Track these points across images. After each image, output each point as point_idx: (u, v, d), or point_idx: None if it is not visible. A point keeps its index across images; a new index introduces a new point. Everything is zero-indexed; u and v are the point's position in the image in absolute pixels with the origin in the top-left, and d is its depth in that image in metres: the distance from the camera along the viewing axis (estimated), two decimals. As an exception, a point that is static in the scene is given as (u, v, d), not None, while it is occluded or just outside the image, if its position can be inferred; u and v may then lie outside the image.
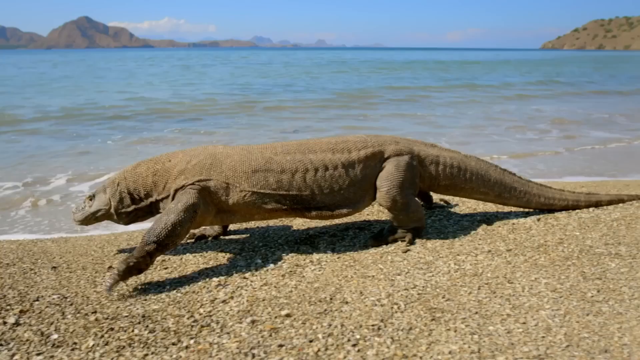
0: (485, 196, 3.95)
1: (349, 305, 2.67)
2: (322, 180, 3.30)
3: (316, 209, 3.33)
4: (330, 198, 3.33)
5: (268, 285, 2.97)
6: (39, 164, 8.85)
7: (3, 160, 9.15)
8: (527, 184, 4.07)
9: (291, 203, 3.27)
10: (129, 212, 3.41)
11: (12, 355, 2.28)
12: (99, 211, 3.44)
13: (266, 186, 3.22)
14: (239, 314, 2.59)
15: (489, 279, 2.97)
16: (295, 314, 2.58)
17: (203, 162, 3.26)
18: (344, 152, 3.42)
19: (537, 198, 4.08)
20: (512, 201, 4.04)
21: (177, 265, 3.38)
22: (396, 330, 2.39)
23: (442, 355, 2.17)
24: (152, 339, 2.37)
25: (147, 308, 2.70)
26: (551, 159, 9.18)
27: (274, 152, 3.33)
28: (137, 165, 3.46)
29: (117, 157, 9.50)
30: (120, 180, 3.41)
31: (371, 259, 3.33)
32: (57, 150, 10.23)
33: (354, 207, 3.43)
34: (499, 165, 4.04)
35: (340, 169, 3.35)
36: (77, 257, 3.68)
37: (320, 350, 2.23)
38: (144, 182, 3.36)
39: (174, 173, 3.29)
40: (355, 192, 3.42)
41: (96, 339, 2.38)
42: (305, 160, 3.30)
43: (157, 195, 3.35)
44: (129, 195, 3.38)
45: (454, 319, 2.49)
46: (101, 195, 3.46)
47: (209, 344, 2.31)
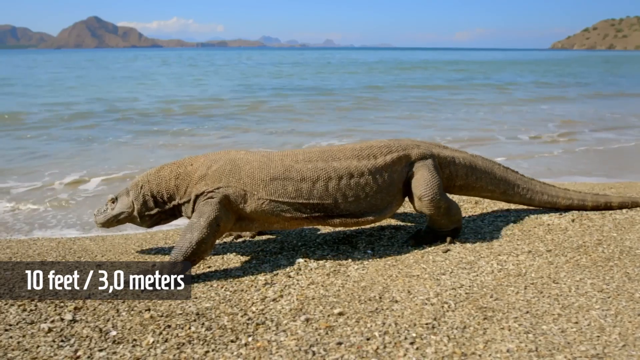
0: (492, 194, 4.03)
1: (399, 304, 2.70)
2: (346, 188, 3.26)
3: (340, 217, 3.29)
4: (356, 206, 3.30)
5: (315, 284, 3.00)
6: (86, 162, 8.95)
7: (78, 158, 9.26)
8: (530, 181, 4.16)
9: (311, 211, 3.24)
10: (152, 215, 3.44)
11: (75, 351, 2.33)
12: (121, 214, 3.47)
13: (284, 195, 3.19)
14: (292, 312, 2.63)
15: (533, 279, 2.99)
16: (348, 312, 2.61)
17: (222, 168, 3.27)
18: (369, 158, 3.40)
19: (540, 195, 4.14)
20: (515, 198, 4.11)
21: (220, 264, 3.42)
22: (451, 329, 2.42)
23: (500, 354, 2.20)
24: (210, 336, 2.41)
25: (199, 306, 2.74)
26: (562, 159, 9.17)
27: (295, 159, 3.30)
28: (160, 168, 3.48)
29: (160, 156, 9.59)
30: (143, 183, 3.43)
31: (413, 259, 3.36)
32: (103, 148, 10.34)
33: (380, 214, 3.42)
34: (502, 164, 4.13)
35: (367, 176, 3.33)
36: (118, 255, 3.73)
37: (379, 348, 2.26)
38: (167, 186, 3.38)
39: (194, 178, 3.31)
40: (383, 198, 3.40)
41: (155, 335, 2.42)
42: (329, 169, 3.26)
43: (179, 199, 3.38)
44: (153, 199, 3.41)
45: (506, 318, 2.52)
46: (124, 198, 3.48)
47: (267, 342, 2.35)
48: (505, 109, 17.10)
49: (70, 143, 11.12)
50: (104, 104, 18.83)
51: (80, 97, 21.00)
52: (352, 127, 13.30)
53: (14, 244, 4.21)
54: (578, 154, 9.70)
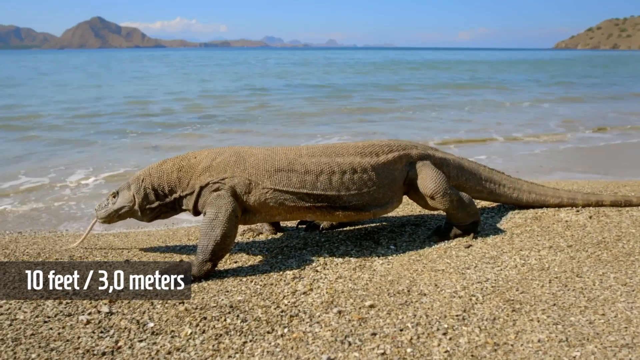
0: (480, 194, 4.11)
1: (428, 297, 2.76)
2: (350, 182, 3.36)
3: (343, 209, 3.38)
4: (359, 199, 3.39)
5: (343, 278, 3.07)
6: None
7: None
8: (517, 181, 4.26)
9: (315, 201, 3.31)
10: (154, 208, 3.46)
11: (115, 341, 2.39)
12: (122, 208, 3.49)
13: (288, 185, 3.27)
14: (323, 305, 2.69)
15: (557, 273, 3.05)
16: (378, 304, 2.67)
17: (227, 160, 3.34)
18: (372, 155, 3.51)
19: (527, 194, 4.24)
20: (503, 198, 4.22)
21: (246, 259, 3.48)
22: (481, 320, 2.48)
23: (532, 344, 2.26)
24: (247, 327, 2.47)
25: (231, 299, 2.80)
26: (550, 157, 9.21)
27: (299, 154, 3.40)
28: (163, 162, 3.51)
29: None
30: (145, 177, 3.45)
31: (436, 254, 3.42)
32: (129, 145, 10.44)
33: (382, 208, 3.52)
34: (487, 165, 4.24)
35: (370, 171, 3.43)
36: (145, 251, 3.80)
37: (412, 338, 2.32)
38: (169, 178, 3.41)
39: (198, 170, 3.36)
40: (385, 193, 3.50)
41: (192, 327, 2.49)
42: (332, 163, 3.36)
43: (181, 192, 3.40)
44: (154, 192, 3.43)
45: (534, 310, 2.58)
46: (125, 192, 3.50)
47: (303, 333, 2.41)
48: (508, 108, 17.13)
49: (86, 141, 11.22)
50: (129, 103, 18.94)
51: (110, 97, 21.11)
52: (366, 129, 13.35)
53: (40, 239, 4.29)
54: (572, 153, 9.73)
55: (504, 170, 4.39)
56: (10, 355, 2.30)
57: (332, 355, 2.20)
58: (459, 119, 14.62)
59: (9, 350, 2.34)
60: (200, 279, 3.08)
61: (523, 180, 4.31)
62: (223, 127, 13.63)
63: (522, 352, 2.21)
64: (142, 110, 16.93)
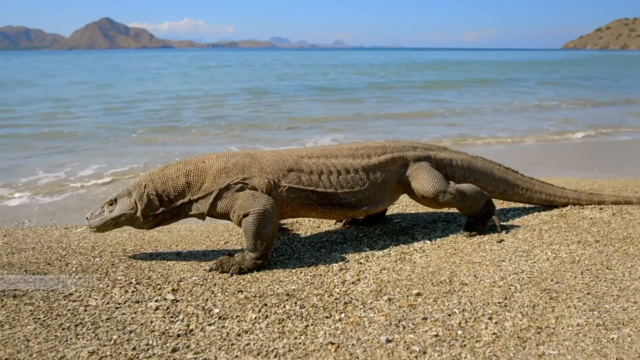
0: (491, 194, 4.24)
1: (469, 286, 2.97)
2: (344, 181, 3.59)
3: (339, 206, 3.60)
4: (352, 196, 3.61)
5: (386, 269, 3.28)
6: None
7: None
8: (530, 181, 4.42)
9: (318, 198, 3.53)
10: (157, 214, 3.45)
11: (187, 325, 2.62)
12: (121, 216, 3.44)
13: (299, 182, 3.50)
14: (373, 294, 2.91)
15: (587, 265, 3.25)
16: (425, 293, 2.89)
17: (242, 161, 3.51)
18: (364, 157, 3.73)
19: (538, 194, 4.42)
20: (515, 197, 4.39)
21: (291, 253, 3.70)
22: (522, 307, 2.68)
23: (572, 328, 2.47)
24: (306, 313, 2.69)
25: (286, 288, 3.02)
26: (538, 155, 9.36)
27: (300, 155, 3.63)
28: (164, 167, 3.51)
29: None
30: (147, 183, 3.43)
31: (470, 248, 3.63)
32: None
33: (373, 206, 3.74)
34: (502, 164, 4.37)
35: (361, 172, 3.66)
36: (191, 245, 4.03)
37: (461, 322, 2.54)
38: (175, 184, 3.42)
39: (211, 172, 3.42)
40: (376, 192, 3.71)
41: (255, 312, 2.71)
42: (328, 163, 3.60)
43: (191, 196, 3.43)
44: (157, 198, 3.42)
45: (570, 298, 2.78)
46: (125, 199, 3.45)
47: (359, 317, 2.63)
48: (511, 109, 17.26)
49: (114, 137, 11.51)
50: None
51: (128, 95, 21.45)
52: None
53: (88, 234, 4.52)
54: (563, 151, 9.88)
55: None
56: (92, 336, 2.53)
57: (390, 336, 2.42)
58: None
59: (90, 332, 2.57)
60: (252, 271, 3.31)
61: (535, 179, 4.47)
62: (242, 132, 13.89)
63: (564, 334, 2.42)
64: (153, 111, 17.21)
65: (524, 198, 4.40)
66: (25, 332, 2.60)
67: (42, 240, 4.30)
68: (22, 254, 3.86)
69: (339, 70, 45.46)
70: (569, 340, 2.36)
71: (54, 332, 2.59)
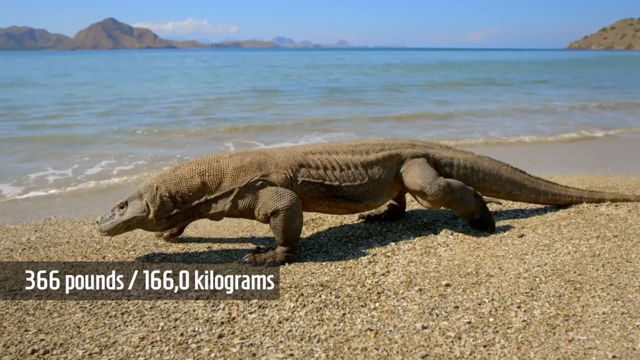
0: (497, 194, 4.35)
1: (495, 278, 3.09)
2: (346, 176, 3.75)
3: (343, 199, 3.76)
4: (354, 190, 3.77)
5: (414, 262, 3.41)
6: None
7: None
8: (536, 181, 4.49)
9: (326, 191, 3.69)
10: (171, 216, 3.45)
11: (228, 313, 2.75)
12: (133, 219, 3.41)
13: (310, 176, 3.65)
14: (404, 284, 3.04)
15: (608, 259, 3.37)
16: (453, 284, 3.01)
17: (257, 159, 3.61)
18: (362, 153, 3.89)
19: (544, 195, 4.50)
20: (522, 197, 4.46)
21: (318, 247, 3.83)
22: (548, 296, 2.81)
23: (598, 315, 2.59)
24: (342, 302, 2.82)
25: (319, 279, 3.16)
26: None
27: (305, 152, 3.78)
28: (175, 168, 3.53)
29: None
30: (159, 185, 3.43)
31: (493, 242, 3.75)
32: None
33: (373, 201, 3.88)
34: (510, 165, 4.43)
35: (360, 168, 3.82)
36: (220, 239, 4.17)
37: (491, 310, 2.66)
38: (189, 184, 3.43)
39: (229, 171, 3.47)
40: (374, 187, 3.86)
41: (293, 301, 2.84)
42: (331, 159, 3.77)
43: (209, 195, 3.46)
44: (171, 199, 3.42)
45: (594, 289, 2.90)
46: (136, 202, 3.43)
47: (393, 306, 2.76)
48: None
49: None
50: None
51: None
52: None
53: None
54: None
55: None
56: (139, 323, 2.67)
57: (425, 323, 2.55)
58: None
59: (136, 320, 2.72)
60: (284, 263, 3.44)
61: (542, 179, 4.54)
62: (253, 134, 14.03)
63: (591, 321, 2.54)
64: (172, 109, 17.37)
65: (531, 198, 4.47)
66: (75, 320, 2.74)
67: (74, 235, 4.44)
68: (57, 248, 4.00)
69: (346, 70, 45.59)
70: (596, 327, 2.49)
71: (102, 320, 2.73)
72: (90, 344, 2.49)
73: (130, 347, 2.44)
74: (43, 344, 2.50)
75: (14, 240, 4.37)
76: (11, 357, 2.40)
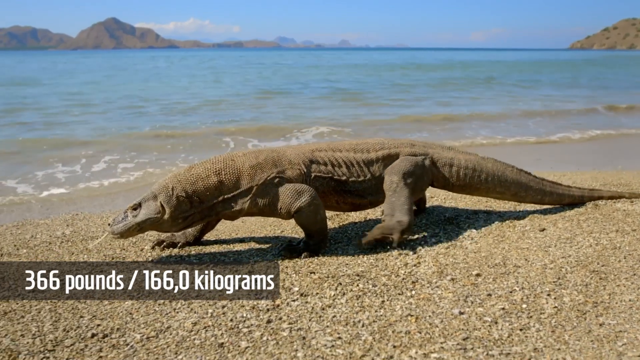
0: (502, 195, 4.39)
1: (522, 268, 3.24)
2: (349, 172, 3.89)
3: (350, 193, 3.90)
4: (358, 185, 3.92)
5: (442, 254, 3.56)
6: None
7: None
8: (542, 182, 4.51)
9: (335, 185, 3.84)
10: (187, 216, 3.44)
11: (272, 301, 2.90)
12: (147, 220, 3.38)
13: (320, 172, 3.79)
14: (436, 275, 3.19)
15: (628, 251, 3.51)
16: (483, 273, 3.16)
17: (271, 156, 3.72)
18: (363, 152, 4.03)
19: (549, 196, 4.52)
20: (527, 199, 4.49)
21: (347, 241, 3.98)
22: (575, 285, 2.96)
23: (625, 302, 2.74)
24: (379, 290, 2.97)
25: (354, 270, 3.30)
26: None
27: (311, 149, 3.92)
28: (190, 168, 3.53)
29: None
30: (174, 185, 3.41)
31: (516, 236, 3.90)
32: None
33: (375, 196, 4.01)
34: (515, 166, 4.44)
35: (362, 165, 3.96)
36: (250, 233, 4.32)
37: (523, 297, 2.81)
38: (206, 183, 3.44)
39: (245, 169, 3.52)
40: (376, 184, 3.99)
41: (332, 290, 3.00)
42: (336, 156, 3.91)
43: (228, 194, 3.49)
44: (187, 199, 3.41)
45: (618, 278, 3.05)
46: (150, 203, 3.41)
47: (428, 294, 2.91)
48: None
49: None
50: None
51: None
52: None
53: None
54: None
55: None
56: (188, 310, 2.83)
57: (461, 309, 2.70)
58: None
59: (185, 307, 2.88)
60: (317, 254, 3.59)
61: (547, 180, 4.58)
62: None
63: (618, 308, 2.69)
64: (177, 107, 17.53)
65: (536, 200, 4.50)
66: (125, 307, 2.90)
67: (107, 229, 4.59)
68: (95, 241, 4.15)
69: (348, 70, 45.74)
70: (624, 313, 2.63)
71: (152, 307, 2.88)
72: (146, 328, 2.64)
73: (184, 332, 2.59)
74: (100, 328, 2.66)
75: (50, 234, 4.53)
76: (72, 340, 2.56)
